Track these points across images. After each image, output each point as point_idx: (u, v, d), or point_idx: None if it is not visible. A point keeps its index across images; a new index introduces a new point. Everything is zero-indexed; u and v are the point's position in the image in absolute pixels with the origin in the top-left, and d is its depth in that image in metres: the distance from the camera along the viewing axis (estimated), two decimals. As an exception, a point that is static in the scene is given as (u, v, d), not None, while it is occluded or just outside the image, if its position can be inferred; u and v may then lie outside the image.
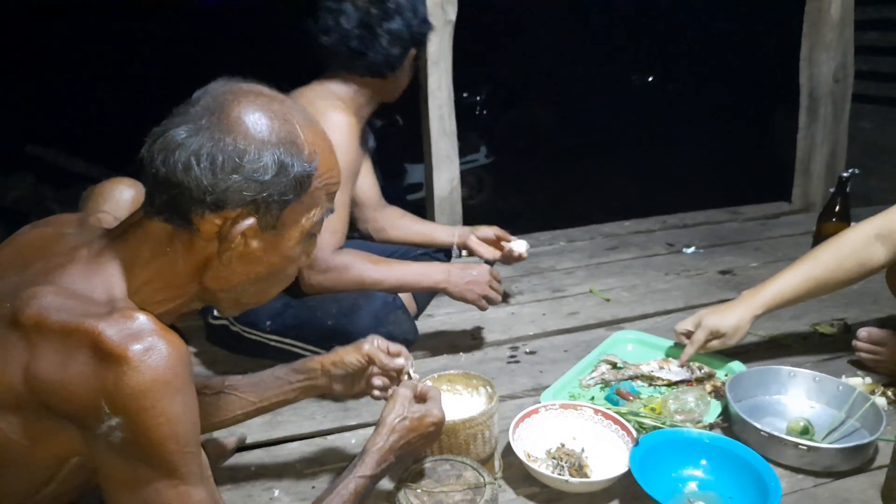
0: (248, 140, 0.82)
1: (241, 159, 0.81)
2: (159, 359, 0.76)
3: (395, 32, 1.61)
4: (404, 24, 1.62)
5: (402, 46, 1.64)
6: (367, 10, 1.59)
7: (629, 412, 1.44)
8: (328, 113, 1.55)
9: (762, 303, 1.57)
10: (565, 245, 2.66)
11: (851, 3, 2.79)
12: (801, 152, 3.00)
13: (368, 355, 1.20)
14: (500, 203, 5.82)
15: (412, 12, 1.63)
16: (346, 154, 1.54)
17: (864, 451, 1.31)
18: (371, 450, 1.06)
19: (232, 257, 0.87)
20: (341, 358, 1.20)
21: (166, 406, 0.77)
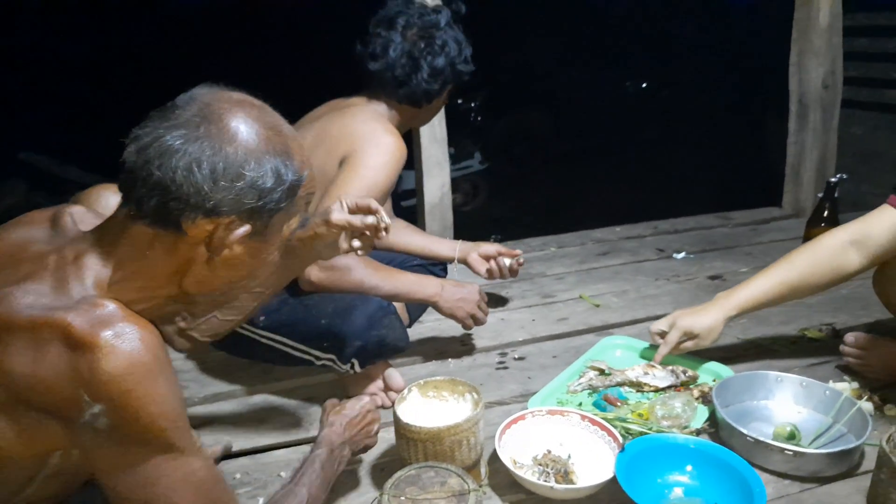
0: (247, 150, 0.84)
1: (243, 168, 0.83)
2: (132, 341, 0.79)
3: (437, 68, 1.67)
4: (448, 61, 1.68)
5: (443, 81, 1.70)
6: (415, 43, 1.66)
7: (616, 418, 1.44)
8: (383, 135, 1.62)
9: (735, 305, 1.59)
10: (556, 251, 2.67)
11: (839, 10, 2.81)
12: (791, 158, 3.01)
13: (336, 224, 1.17)
14: (496, 209, 5.82)
15: (458, 51, 1.69)
16: (389, 176, 1.60)
17: (849, 456, 1.32)
18: (318, 437, 1.21)
19: (218, 262, 0.88)
20: (314, 231, 1.17)
21: (150, 386, 0.79)
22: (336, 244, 1.21)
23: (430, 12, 1.68)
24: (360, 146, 1.59)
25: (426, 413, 1.38)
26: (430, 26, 1.66)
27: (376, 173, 1.57)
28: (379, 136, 1.61)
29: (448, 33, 1.68)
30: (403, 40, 1.65)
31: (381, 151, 1.59)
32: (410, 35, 1.66)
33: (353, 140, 1.60)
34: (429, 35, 1.66)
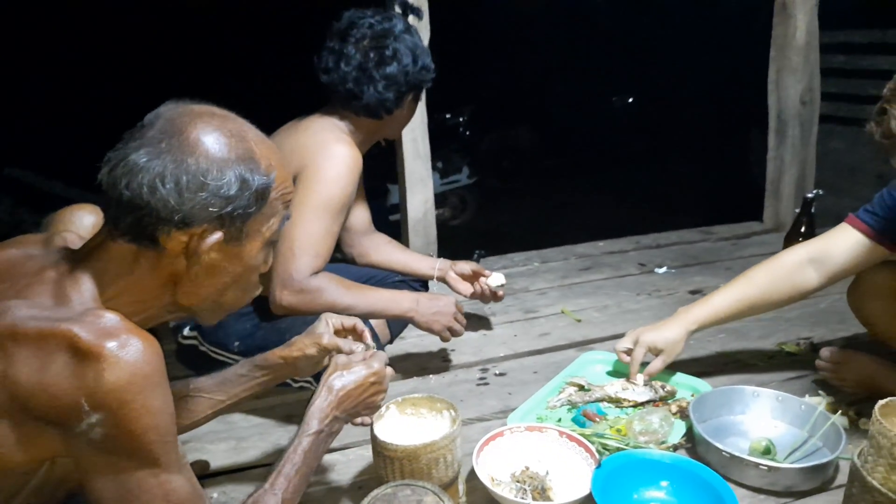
0: (209, 159, 0.86)
1: (205, 178, 0.85)
2: (135, 353, 0.80)
3: (390, 77, 1.64)
4: (401, 69, 1.65)
5: (398, 91, 1.66)
6: (366, 53, 1.63)
7: (593, 434, 1.45)
8: (334, 145, 1.61)
9: (695, 320, 1.62)
10: (539, 266, 2.68)
11: (816, 28, 2.86)
12: (771, 173, 3.05)
13: (327, 348, 1.23)
14: (484, 223, 5.85)
15: (411, 59, 1.66)
16: (346, 187, 1.60)
17: (823, 470, 1.33)
18: (310, 410, 1.12)
19: (199, 272, 0.90)
20: (303, 352, 1.24)
21: (147, 399, 0.80)
22: (319, 361, 1.25)
23: (383, 21, 1.65)
24: (311, 160, 1.58)
25: (404, 430, 1.38)
26: (381, 35, 1.64)
27: (330, 186, 1.57)
28: (330, 148, 1.59)
29: (401, 41, 1.65)
30: (356, 52, 1.63)
31: (334, 163, 1.58)
32: (362, 46, 1.63)
33: (304, 154, 1.59)
34: (380, 45, 1.63)
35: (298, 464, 1.07)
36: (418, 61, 1.67)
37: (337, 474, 1.43)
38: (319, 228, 1.57)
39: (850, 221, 1.55)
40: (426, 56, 1.70)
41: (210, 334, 1.69)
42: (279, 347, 1.26)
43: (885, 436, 1.16)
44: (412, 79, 1.67)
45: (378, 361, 1.19)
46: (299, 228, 1.54)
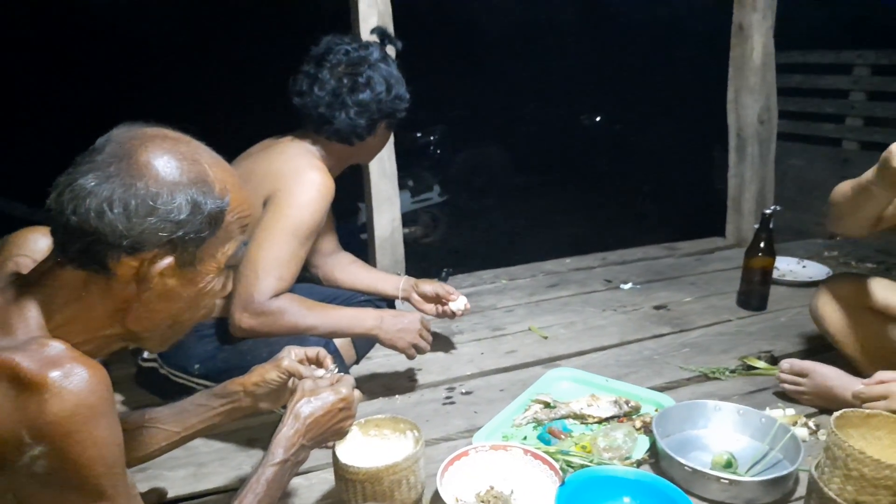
0: (159, 183, 0.84)
1: (154, 202, 0.83)
2: (80, 383, 0.77)
3: (363, 104, 1.64)
4: (373, 97, 1.65)
5: (370, 118, 1.66)
6: (340, 79, 1.64)
7: (557, 451, 1.45)
8: (307, 171, 1.60)
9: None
10: (507, 283, 2.69)
11: (772, 49, 2.95)
12: (732, 190, 3.12)
13: (288, 370, 1.21)
14: (455, 241, 5.86)
15: (384, 87, 1.66)
16: (316, 213, 1.59)
17: (783, 482, 1.34)
18: (276, 438, 1.09)
19: (151, 297, 0.88)
20: (262, 377, 1.21)
21: (92, 429, 0.78)
22: (281, 393, 1.23)
23: (359, 49, 1.66)
24: (283, 185, 1.57)
25: (368, 452, 1.36)
26: (356, 63, 1.64)
27: (301, 211, 1.56)
28: (303, 174, 1.59)
29: (376, 69, 1.65)
30: (330, 77, 1.63)
31: (306, 189, 1.57)
32: (337, 72, 1.64)
33: (277, 178, 1.58)
34: (355, 71, 1.64)
35: (261, 494, 1.04)
36: (392, 90, 1.68)
37: (300, 499, 1.40)
38: (286, 252, 1.55)
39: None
40: (400, 85, 1.71)
41: (170, 357, 1.65)
42: (239, 377, 1.23)
43: (839, 447, 1.18)
44: (385, 107, 1.67)
45: (346, 386, 1.17)
46: (265, 251, 1.53)
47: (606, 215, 6.04)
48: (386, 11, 2.36)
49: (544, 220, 6.22)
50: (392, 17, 2.39)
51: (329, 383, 1.17)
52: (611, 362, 1.97)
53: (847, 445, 1.16)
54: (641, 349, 2.06)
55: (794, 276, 2.60)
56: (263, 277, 1.54)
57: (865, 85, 3.78)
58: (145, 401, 1.76)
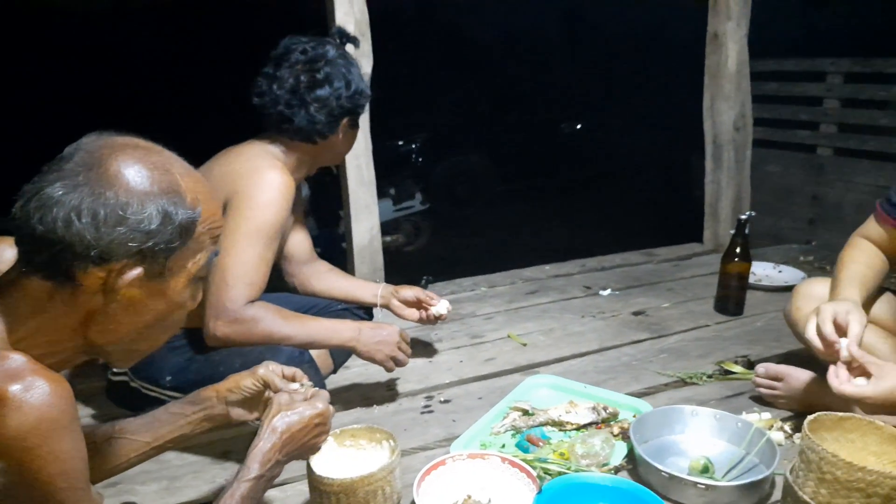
0: (129, 192, 0.83)
1: (124, 211, 0.82)
2: (41, 396, 0.76)
3: (321, 100, 1.62)
4: (332, 93, 1.63)
5: (330, 115, 1.64)
6: (298, 77, 1.62)
7: (535, 459, 1.44)
8: (265, 171, 1.57)
9: (855, 290, 1.50)
10: (486, 290, 2.69)
11: (746, 57, 2.99)
12: (709, 196, 3.16)
13: (263, 379, 1.20)
14: (438, 249, 5.86)
15: (343, 83, 1.64)
16: (278, 213, 1.56)
17: (759, 486, 1.35)
18: (251, 453, 1.07)
19: (118, 309, 0.86)
20: (236, 383, 1.20)
21: (54, 444, 0.76)
22: (255, 402, 1.21)
23: (317, 46, 1.64)
24: (241, 186, 1.55)
25: (343, 463, 1.35)
26: (314, 60, 1.63)
27: (262, 212, 1.54)
28: (260, 174, 1.56)
29: (334, 66, 1.64)
30: (289, 76, 1.62)
31: (265, 189, 1.55)
32: (296, 70, 1.63)
33: (234, 180, 1.56)
34: (313, 68, 1.63)
35: None
36: (351, 86, 1.66)
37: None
38: (252, 256, 1.54)
39: (878, 214, 1.59)
40: (360, 81, 1.70)
41: (141, 370, 1.63)
42: (213, 384, 1.22)
43: (813, 450, 1.18)
44: (345, 102, 1.66)
45: (322, 401, 1.15)
46: (232, 257, 1.51)
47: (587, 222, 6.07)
48: (363, 20, 2.36)
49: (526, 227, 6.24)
50: (369, 25, 2.38)
51: (304, 398, 1.16)
52: (589, 369, 1.97)
53: (820, 449, 1.17)
54: (620, 355, 2.06)
55: (770, 281, 2.62)
56: (233, 285, 1.51)
57: (839, 92, 3.83)
58: (115, 414, 1.73)
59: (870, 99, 3.66)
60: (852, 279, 1.53)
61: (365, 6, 2.36)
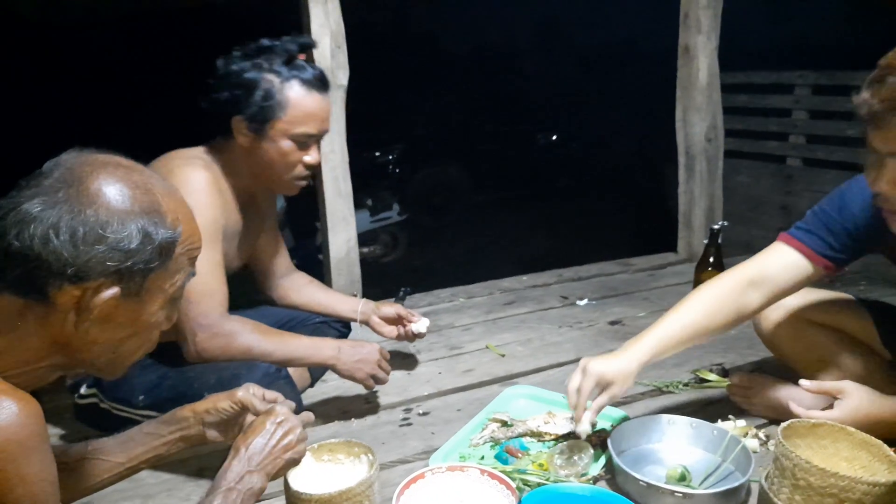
0: (109, 211, 0.82)
1: (103, 230, 0.81)
2: (9, 417, 0.75)
3: (244, 82, 1.55)
4: (259, 76, 1.55)
5: (254, 98, 1.54)
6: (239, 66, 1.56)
7: (514, 470, 1.44)
8: (183, 170, 1.52)
9: (645, 351, 1.48)
10: (464, 301, 2.69)
11: (717, 70, 3.05)
12: (683, 206, 3.20)
13: (241, 402, 1.18)
14: (415, 260, 5.86)
15: (262, 93, 1.54)
16: (207, 209, 1.50)
17: (735, 494, 1.36)
18: (221, 469, 1.06)
19: (91, 328, 0.85)
20: (214, 405, 1.18)
21: (21, 466, 0.75)
22: (231, 425, 1.20)
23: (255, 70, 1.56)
24: None
25: (321, 478, 1.33)
26: (259, 52, 1.57)
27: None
28: (178, 174, 1.50)
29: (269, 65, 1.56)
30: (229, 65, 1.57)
31: (188, 190, 1.44)
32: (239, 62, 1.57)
33: None
34: (255, 60, 1.56)
35: None
36: (270, 97, 1.55)
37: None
38: (202, 264, 1.45)
39: (782, 239, 1.50)
40: (275, 91, 1.56)
41: (111, 391, 1.59)
42: (190, 403, 1.20)
43: (787, 457, 1.20)
44: (272, 101, 1.55)
45: (281, 406, 1.16)
46: None
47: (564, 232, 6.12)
48: (339, 31, 2.36)
49: (503, 237, 6.27)
50: (345, 37, 2.39)
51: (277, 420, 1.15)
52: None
53: (794, 455, 1.19)
54: (597, 365, 2.07)
55: (743, 290, 2.66)
56: (197, 300, 1.48)
57: (807, 104, 3.93)
58: (87, 433, 1.69)
59: (837, 110, 3.76)
60: (662, 332, 1.51)
61: (340, 17, 2.37)
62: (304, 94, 1.58)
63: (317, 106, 1.61)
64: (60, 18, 5.89)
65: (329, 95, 1.67)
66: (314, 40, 1.77)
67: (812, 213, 1.49)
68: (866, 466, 1.26)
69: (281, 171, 1.64)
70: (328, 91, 1.66)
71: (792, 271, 1.48)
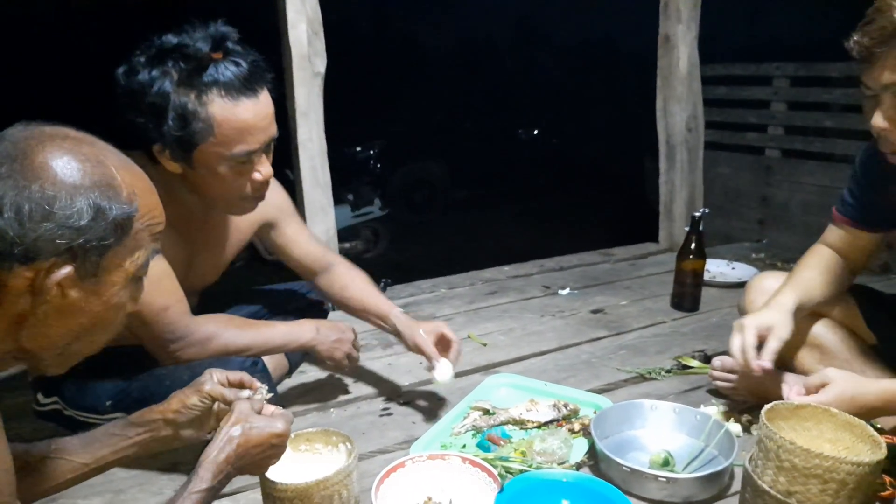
0: (57, 185, 0.77)
1: (50, 206, 0.76)
2: None
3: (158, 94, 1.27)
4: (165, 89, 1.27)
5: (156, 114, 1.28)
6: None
7: (496, 458, 1.42)
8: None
9: (793, 299, 1.50)
10: (446, 292, 2.66)
11: (697, 59, 3.05)
12: (664, 196, 3.20)
13: (211, 395, 1.12)
14: (397, 255, 5.82)
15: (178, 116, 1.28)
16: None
17: (719, 477, 1.35)
18: (204, 462, 0.99)
19: (48, 311, 0.80)
20: (183, 403, 1.11)
21: None
22: (204, 420, 1.14)
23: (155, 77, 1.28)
24: None
25: (299, 468, 1.29)
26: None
27: None
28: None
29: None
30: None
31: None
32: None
33: None
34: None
35: None
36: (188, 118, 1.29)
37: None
38: (148, 283, 1.31)
39: (833, 217, 1.61)
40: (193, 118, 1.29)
41: (73, 398, 1.50)
42: (157, 404, 1.13)
43: (771, 439, 1.19)
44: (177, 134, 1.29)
45: (283, 423, 1.06)
46: None
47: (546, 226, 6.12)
48: (315, 17, 2.32)
49: (485, 232, 6.26)
50: (321, 24, 2.34)
51: (260, 406, 1.09)
52: (549, 367, 1.96)
53: (778, 437, 1.17)
54: (579, 353, 2.06)
55: (724, 278, 2.67)
56: (158, 311, 1.39)
57: (785, 95, 3.95)
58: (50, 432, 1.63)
59: (815, 102, 3.79)
60: (795, 284, 1.56)
61: (317, 3, 2.32)
62: (231, 106, 1.29)
63: (251, 115, 1.31)
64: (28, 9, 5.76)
65: (264, 91, 1.35)
66: (232, 29, 1.34)
67: (847, 189, 1.58)
68: (850, 447, 1.24)
69: (226, 197, 1.41)
70: (263, 86, 1.35)
71: (850, 244, 1.60)
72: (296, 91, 2.32)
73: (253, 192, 1.42)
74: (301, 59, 2.30)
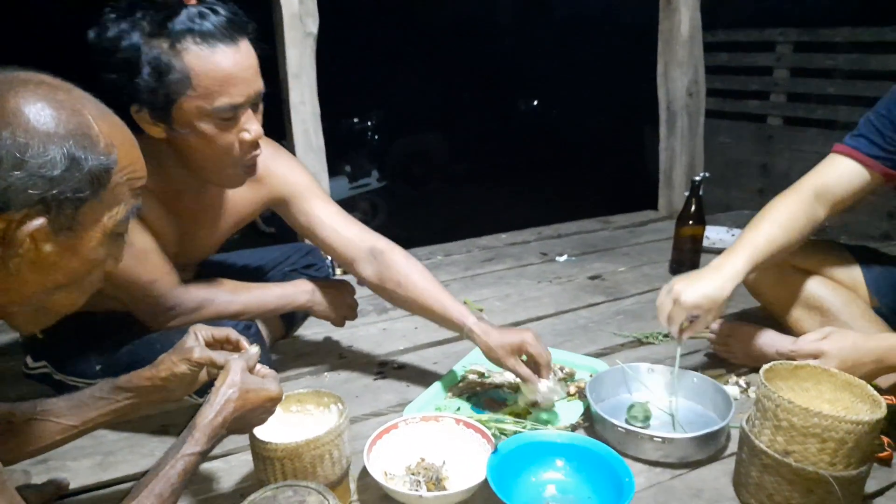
0: (29, 133, 0.73)
1: (22, 154, 0.73)
2: None
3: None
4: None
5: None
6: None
7: (490, 419, 1.40)
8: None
9: (740, 271, 1.40)
10: (442, 259, 2.63)
11: (699, 24, 2.98)
12: (664, 163, 3.16)
13: (199, 362, 1.09)
14: (395, 228, 5.78)
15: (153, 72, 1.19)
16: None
17: (715, 438, 1.33)
18: (201, 424, 0.97)
19: (21, 264, 0.77)
20: (171, 371, 1.09)
21: None
22: (193, 381, 1.11)
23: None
24: None
25: (291, 429, 1.28)
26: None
27: None
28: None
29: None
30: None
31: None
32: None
33: None
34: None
35: (176, 485, 0.93)
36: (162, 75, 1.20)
37: (217, 483, 1.31)
38: (130, 257, 1.20)
39: (836, 149, 1.49)
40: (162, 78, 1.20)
41: (62, 363, 1.48)
42: (145, 368, 1.11)
43: (769, 398, 1.17)
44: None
45: (276, 384, 1.05)
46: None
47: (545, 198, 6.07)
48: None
49: (484, 204, 6.21)
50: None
51: (254, 362, 1.07)
52: (546, 332, 1.94)
53: (776, 396, 1.15)
54: (576, 318, 2.04)
55: (723, 244, 2.63)
56: (147, 285, 1.37)
57: (788, 62, 3.88)
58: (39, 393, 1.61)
59: (818, 68, 3.72)
60: (747, 244, 1.44)
61: (308, -40, 2.25)
62: (209, 54, 1.19)
63: (230, 63, 1.21)
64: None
65: (245, 41, 1.24)
66: None
67: (864, 120, 1.47)
68: (849, 407, 1.23)
69: (214, 162, 1.31)
70: (243, 35, 1.24)
71: (847, 179, 1.47)
72: (287, 52, 2.26)
73: (242, 155, 1.31)
74: (292, 19, 2.24)
